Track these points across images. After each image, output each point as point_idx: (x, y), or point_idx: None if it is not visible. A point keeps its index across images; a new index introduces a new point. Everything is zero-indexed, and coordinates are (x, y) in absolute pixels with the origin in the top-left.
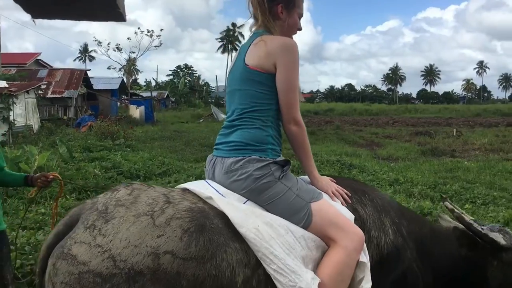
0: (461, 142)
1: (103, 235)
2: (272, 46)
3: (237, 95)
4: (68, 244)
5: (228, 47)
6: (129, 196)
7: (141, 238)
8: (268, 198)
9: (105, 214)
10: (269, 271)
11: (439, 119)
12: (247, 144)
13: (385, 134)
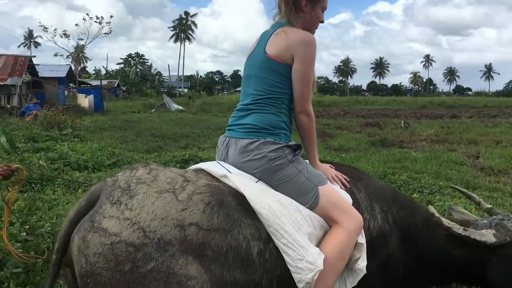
0: (409, 133)
1: (130, 209)
2: (292, 38)
3: (254, 81)
4: (98, 218)
5: (181, 36)
6: (149, 175)
7: (167, 211)
8: (280, 178)
9: (128, 191)
10: (279, 245)
11: (388, 110)
12: (262, 128)
13: (337, 125)
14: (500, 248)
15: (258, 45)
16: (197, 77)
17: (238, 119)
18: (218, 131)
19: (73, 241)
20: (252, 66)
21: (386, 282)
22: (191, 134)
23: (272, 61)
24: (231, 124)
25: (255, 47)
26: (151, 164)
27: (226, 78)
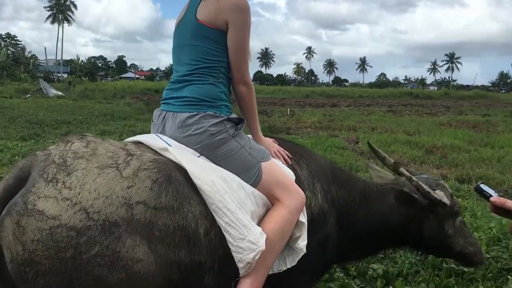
0: (295, 120)
1: (69, 188)
2: (225, 4)
3: (187, 50)
4: (32, 199)
5: (58, 17)
6: (86, 149)
7: (111, 189)
8: (222, 154)
9: (65, 167)
10: (221, 223)
11: (274, 99)
12: (201, 100)
13: None
14: (438, 207)
15: (187, 11)
16: (78, 61)
17: (174, 91)
18: (103, 117)
19: (3, 225)
20: (184, 34)
21: (323, 261)
22: (73, 121)
23: (204, 27)
24: (167, 97)
25: (184, 14)
26: (87, 135)
27: (110, 64)
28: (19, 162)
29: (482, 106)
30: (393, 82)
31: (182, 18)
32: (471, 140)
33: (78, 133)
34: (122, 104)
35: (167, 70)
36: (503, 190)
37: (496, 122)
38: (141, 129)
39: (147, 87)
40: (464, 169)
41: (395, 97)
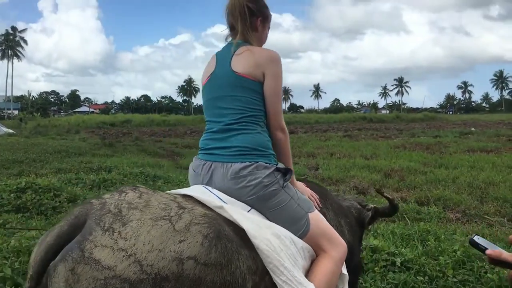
0: None
1: (125, 238)
2: (261, 56)
3: (229, 100)
4: (88, 247)
5: (7, 53)
6: (140, 199)
7: (164, 242)
8: (273, 205)
9: (120, 217)
10: (278, 282)
11: None
12: (252, 149)
13: (185, 144)
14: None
15: (220, 66)
16: (29, 97)
17: (218, 141)
18: (57, 154)
19: (57, 271)
20: (222, 87)
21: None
22: (26, 160)
23: (244, 79)
24: (210, 147)
25: (215, 68)
26: (140, 187)
27: (62, 99)
28: (74, 209)
29: (433, 128)
30: (347, 107)
31: (213, 72)
32: (425, 161)
33: (31, 171)
34: (77, 139)
35: (122, 103)
36: (460, 211)
37: (447, 142)
38: (98, 165)
39: (102, 121)
40: (422, 191)
41: (350, 121)
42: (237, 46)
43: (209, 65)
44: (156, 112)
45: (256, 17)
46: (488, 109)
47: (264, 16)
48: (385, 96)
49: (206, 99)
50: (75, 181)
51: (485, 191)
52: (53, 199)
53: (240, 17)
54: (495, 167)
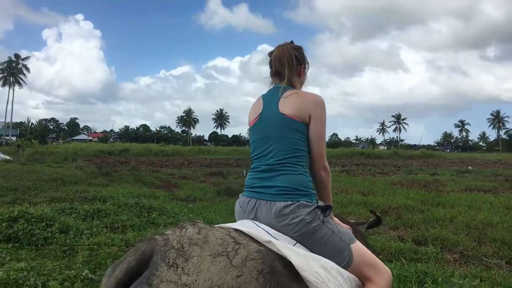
0: None
1: (187, 274)
2: (308, 100)
3: (275, 141)
4: (156, 282)
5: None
6: (199, 235)
7: (222, 278)
8: (316, 240)
9: (182, 253)
10: None
11: (230, 160)
12: (294, 189)
13: (181, 175)
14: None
15: (267, 107)
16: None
17: (263, 181)
18: (53, 182)
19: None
20: (269, 128)
21: None
22: (20, 187)
23: (291, 120)
24: (255, 185)
25: (263, 110)
26: (198, 222)
27: (61, 126)
28: (140, 245)
29: (430, 165)
30: (345, 142)
31: (261, 113)
32: (423, 199)
33: (25, 199)
34: (73, 167)
35: (121, 132)
36: (458, 252)
37: (445, 181)
38: (93, 194)
39: (100, 149)
40: (420, 230)
41: (347, 156)
42: (284, 90)
43: (255, 106)
44: (155, 142)
45: (300, 64)
46: (485, 148)
47: (305, 63)
48: (383, 132)
49: (254, 139)
50: (69, 211)
51: (483, 232)
52: (45, 229)
53: (287, 64)
54: (492, 207)
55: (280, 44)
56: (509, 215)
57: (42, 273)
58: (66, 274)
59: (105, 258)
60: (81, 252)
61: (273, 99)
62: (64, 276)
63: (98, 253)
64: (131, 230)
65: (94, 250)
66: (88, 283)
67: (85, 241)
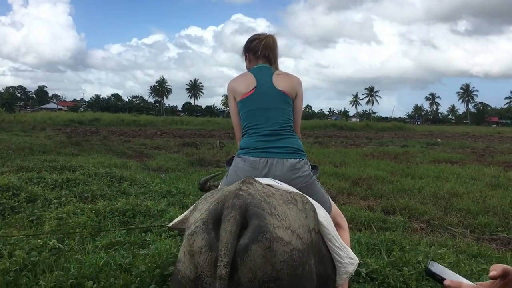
0: (224, 152)
1: (283, 219)
2: (294, 80)
3: (276, 112)
4: (271, 229)
5: None
6: (264, 189)
7: (300, 219)
8: (314, 191)
9: (268, 204)
10: (333, 247)
11: (203, 131)
12: (298, 150)
13: (154, 145)
14: None
15: (262, 81)
16: None
17: (271, 142)
18: (20, 151)
19: (251, 251)
20: (268, 100)
21: None
22: None
23: (286, 96)
24: (266, 147)
25: (258, 84)
26: (249, 178)
27: (29, 94)
28: (231, 202)
29: (401, 137)
30: (318, 113)
31: (256, 87)
32: (393, 171)
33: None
34: (42, 136)
35: (91, 101)
36: (425, 221)
37: (414, 152)
38: (62, 164)
39: (70, 119)
40: (389, 200)
41: (321, 128)
42: (270, 69)
43: (246, 80)
44: (127, 111)
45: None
46: (454, 121)
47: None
48: (356, 104)
49: (251, 108)
50: (37, 180)
51: (449, 202)
52: (11, 199)
53: (274, 51)
54: (459, 178)
55: (270, 34)
56: (474, 185)
57: (8, 243)
58: (33, 244)
59: (74, 227)
60: (49, 222)
61: (266, 76)
62: (31, 246)
63: (66, 222)
64: (102, 200)
65: (62, 219)
66: (56, 252)
67: (54, 211)
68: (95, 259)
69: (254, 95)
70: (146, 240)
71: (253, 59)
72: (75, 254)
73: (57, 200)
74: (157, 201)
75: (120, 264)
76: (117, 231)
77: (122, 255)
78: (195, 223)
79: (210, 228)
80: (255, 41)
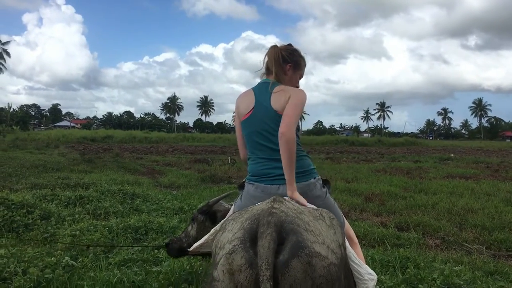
0: (236, 169)
1: (318, 235)
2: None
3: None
4: (309, 245)
5: None
6: (294, 206)
7: (330, 235)
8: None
9: (301, 220)
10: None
11: (215, 147)
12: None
13: (166, 162)
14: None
15: (260, 102)
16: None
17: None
18: (34, 169)
19: (291, 266)
20: (266, 123)
21: None
22: (1, 174)
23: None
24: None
25: (256, 106)
26: (279, 196)
27: (43, 112)
28: (265, 220)
29: (413, 153)
30: (329, 129)
31: (254, 108)
32: (406, 186)
33: (6, 186)
34: (56, 154)
35: (104, 118)
36: (439, 237)
37: (427, 168)
38: (75, 181)
39: (83, 136)
40: (402, 216)
41: (332, 144)
42: (273, 85)
43: (247, 99)
44: (139, 128)
45: (286, 64)
46: (467, 135)
47: (295, 64)
48: (367, 120)
49: (250, 131)
50: (50, 198)
51: (464, 218)
52: (25, 216)
53: (275, 61)
54: (474, 193)
55: (274, 45)
56: (489, 201)
57: (22, 260)
58: (47, 261)
59: (88, 244)
60: (62, 239)
61: (264, 95)
62: (45, 263)
63: (80, 239)
64: (114, 217)
65: (76, 237)
66: (69, 270)
67: (67, 228)
68: (108, 276)
69: (251, 117)
70: (159, 257)
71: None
72: (89, 271)
73: (70, 217)
74: (169, 217)
75: (133, 281)
76: (130, 248)
77: (135, 272)
78: (230, 242)
79: (248, 246)
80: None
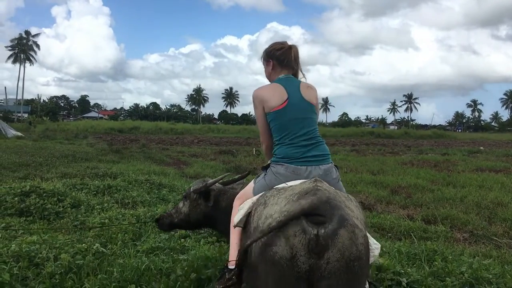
0: (260, 160)
1: (352, 211)
2: (315, 91)
3: (307, 122)
4: (349, 217)
5: (20, 57)
6: (330, 188)
7: (360, 212)
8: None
9: (339, 198)
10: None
11: (239, 138)
12: (327, 155)
13: (191, 153)
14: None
15: (292, 93)
16: (39, 101)
17: (309, 151)
18: (64, 159)
19: (339, 234)
20: (301, 111)
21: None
22: (32, 163)
23: (313, 106)
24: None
25: (289, 97)
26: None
27: (72, 104)
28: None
29: (441, 145)
30: (355, 121)
31: (288, 98)
32: (433, 179)
33: (37, 175)
34: (84, 144)
35: (131, 110)
36: (468, 231)
37: (456, 161)
38: (104, 171)
39: (111, 127)
40: (430, 209)
41: (357, 136)
42: (297, 80)
43: (278, 92)
44: (165, 120)
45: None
46: (498, 128)
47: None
48: (393, 111)
49: (286, 119)
50: (80, 187)
51: (493, 212)
52: (56, 204)
53: (298, 60)
54: (503, 187)
55: (293, 45)
56: None
57: (54, 246)
58: (78, 248)
59: (116, 232)
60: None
61: (294, 88)
62: (76, 250)
63: (109, 227)
64: (142, 206)
65: (105, 224)
66: (99, 256)
67: (96, 216)
68: (136, 264)
69: (287, 107)
70: (185, 246)
71: (277, 67)
72: (118, 258)
73: (99, 205)
74: None
75: (161, 269)
76: (157, 236)
77: (163, 260)
78: (281, 213)
79: (299, 217)
80: (281, 50)
